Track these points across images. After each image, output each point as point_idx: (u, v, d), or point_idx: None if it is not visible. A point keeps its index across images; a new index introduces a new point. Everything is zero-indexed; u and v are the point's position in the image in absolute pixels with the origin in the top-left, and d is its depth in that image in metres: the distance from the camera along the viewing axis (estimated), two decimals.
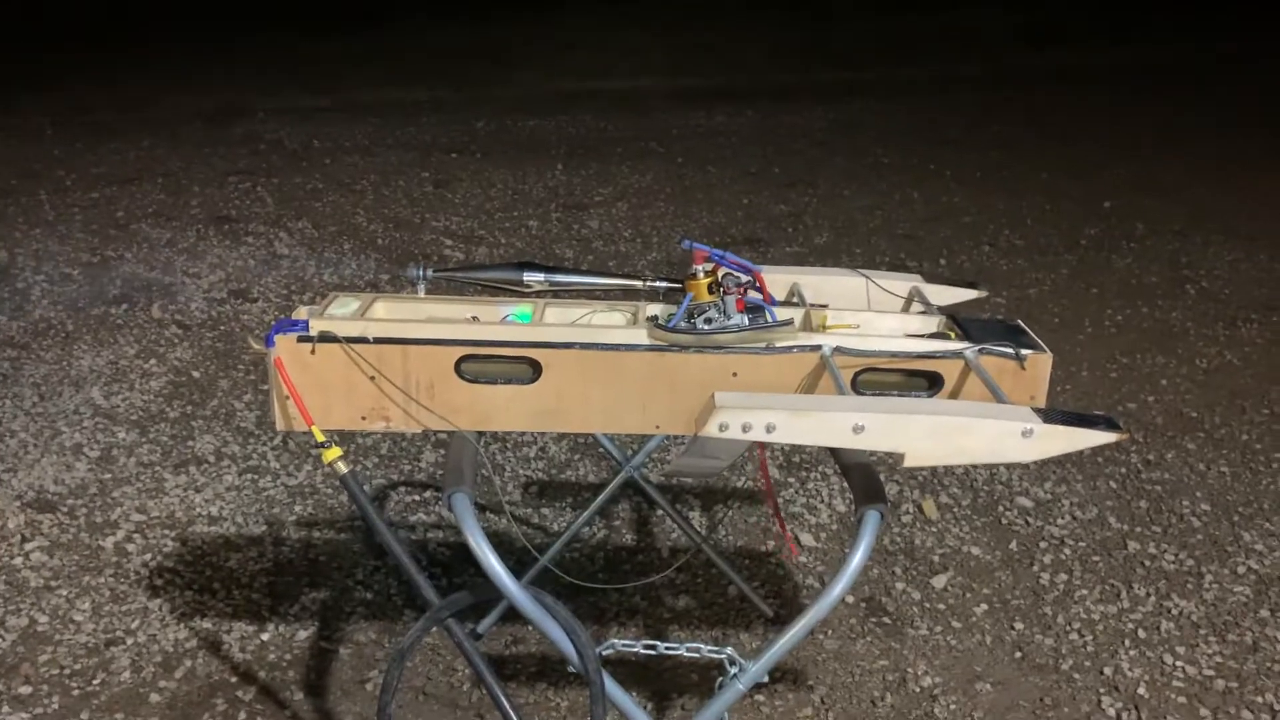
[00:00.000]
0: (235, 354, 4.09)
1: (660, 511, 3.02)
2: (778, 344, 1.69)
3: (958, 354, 1.68)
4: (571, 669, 1.54)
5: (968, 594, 2.75)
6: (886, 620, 2.64)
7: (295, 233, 5.62)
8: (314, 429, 1.65)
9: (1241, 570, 2.87)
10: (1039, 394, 1.69)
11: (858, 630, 2.61)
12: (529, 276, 1.83)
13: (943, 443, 1.46)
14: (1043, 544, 2.97)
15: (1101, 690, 2.41)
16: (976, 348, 1.69)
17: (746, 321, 1.71)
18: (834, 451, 1.84)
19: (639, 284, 1.85)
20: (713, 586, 2.74)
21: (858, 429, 1.44)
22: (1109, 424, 1.46)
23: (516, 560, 2.84)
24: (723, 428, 1.44)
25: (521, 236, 5.73)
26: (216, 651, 2.47)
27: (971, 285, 2.08)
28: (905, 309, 2.03)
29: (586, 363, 1.68)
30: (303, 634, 2.54)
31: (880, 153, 7.53)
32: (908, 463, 1.46)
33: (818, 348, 1.69)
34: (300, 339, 1.67)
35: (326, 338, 1.67)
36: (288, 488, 3.17)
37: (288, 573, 2.78)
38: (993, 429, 1.45)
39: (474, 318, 1.80)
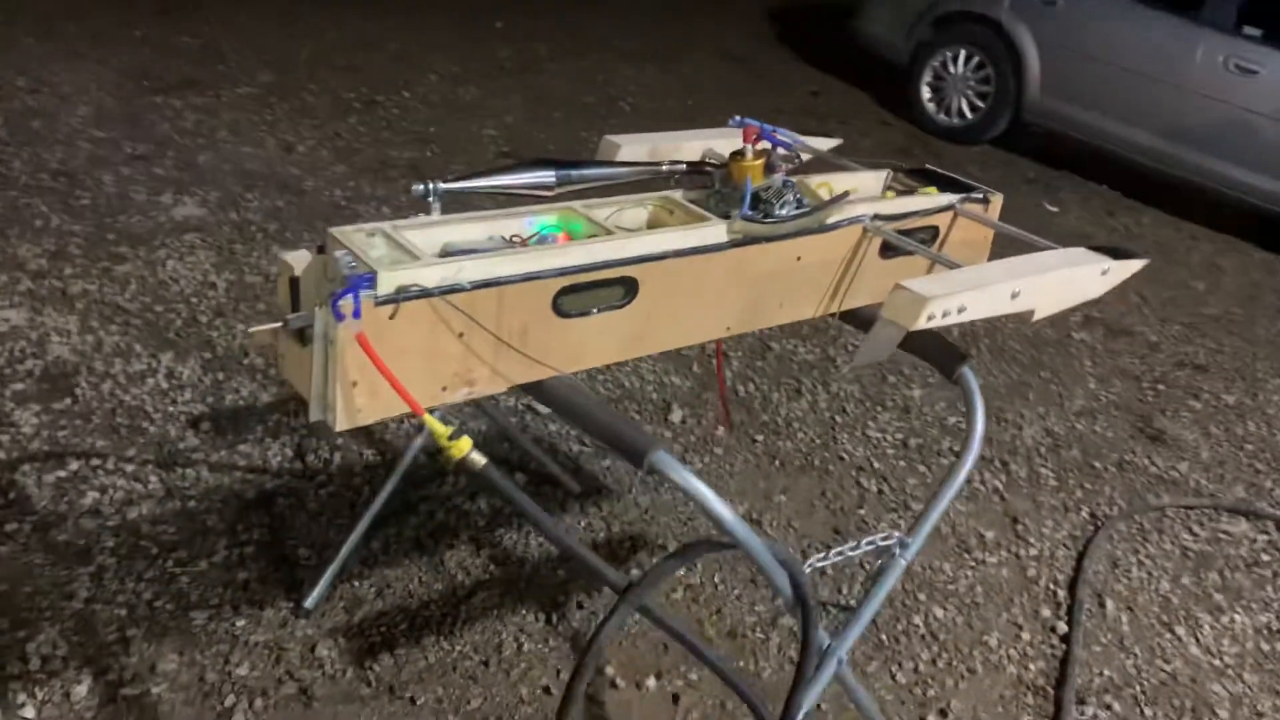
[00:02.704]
0: None
1: None
2: (827, 220, 1.64)
3: (950, 206, 1.80)
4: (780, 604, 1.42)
5: (703, 421, 2.94)
6: None
7: None
8: (429, 420, 1.23)
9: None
10: (989, 232, 1.88)
11: (650, 485, 2.65)
12: (558, 176, 1.49)
13: (1058, 293, 1.59)
14: None
15: (854, 474, 2.81)
16: (959, 197, 1.82)
17: (796, 200, 1.62)
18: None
19: (661, 167, 1.62)
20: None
21: (1015, 295, 1.50)
22: (1136, 255, 1.71)
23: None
24: (930, 318, 1.39)
25: None
26: None
27: (825, 135, 2.15)
28: None
29: (676, 273, 1.47)
30: (80, 690, 1.85)
31: None
32: (1037, 317, 1.57)
33: (858, 219, 1.67)
34: (380, 302, 1.21)
35: (410, 294, 1.23)
36: None
37: None
38: (1087, 273, 1.62)
39: (515, 237, 1.43)
